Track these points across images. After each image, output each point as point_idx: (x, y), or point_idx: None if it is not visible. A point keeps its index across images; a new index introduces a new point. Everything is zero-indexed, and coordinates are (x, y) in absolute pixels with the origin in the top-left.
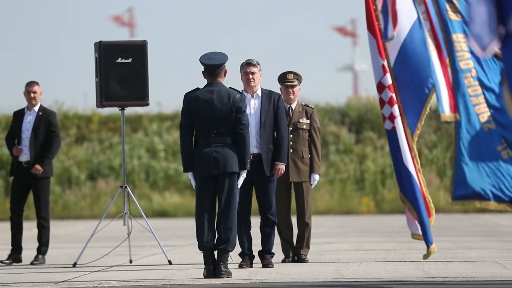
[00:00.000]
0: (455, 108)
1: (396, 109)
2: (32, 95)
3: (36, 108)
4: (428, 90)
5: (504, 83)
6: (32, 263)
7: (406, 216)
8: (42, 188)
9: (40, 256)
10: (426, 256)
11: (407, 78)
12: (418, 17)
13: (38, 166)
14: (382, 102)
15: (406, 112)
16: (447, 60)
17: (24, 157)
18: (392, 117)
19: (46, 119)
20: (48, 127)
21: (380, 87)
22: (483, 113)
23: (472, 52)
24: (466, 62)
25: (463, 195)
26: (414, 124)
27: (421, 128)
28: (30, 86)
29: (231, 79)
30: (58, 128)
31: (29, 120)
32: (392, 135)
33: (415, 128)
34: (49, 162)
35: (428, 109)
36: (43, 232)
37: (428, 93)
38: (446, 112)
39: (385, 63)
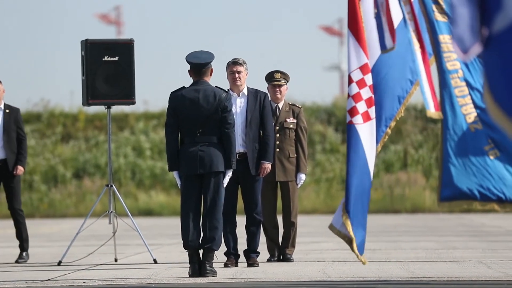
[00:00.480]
0: (438, 106)
1: (373, 111)
2: None
3: (2, 106)
4: (406, 93)
5: (485, 91)
6: (17, 262)
7: (339, 212)
8: (16, 183)
9: (24, 254)
10: (358, 258)
11: (380, 86)
12: (404, 18)
13: (21, 168)
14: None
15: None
16: (429, 60)
17: None
18: (366, 116)
19: (14, 117)
20: (16, 125)
21: (350, 80)
22: (470, 114)
23: None
24: (453, 63)
25: (450, 196)
26: (381, 131)
27: (389, 134)
28: None
29: (218, 78)
30: (23, 125)
31: None
32: (353, 130)
33: (382, 134)
34: (25, 160)
35: (402, 112)
36: (22, 229)
37: (405, 96)
38: (431, 109)
39: (369, 62)
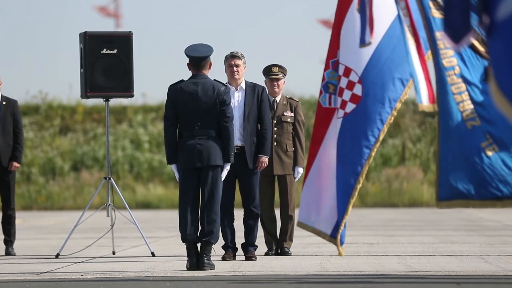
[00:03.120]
0: (433, 99)
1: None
2: None
3: None
4: (410, 76)
5: (491, 78)
6: (10, 254)
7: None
8: (11, 178)
9: (10, 249)
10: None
11: (383, 69)
12: (398, 14)
13: (16, 164)
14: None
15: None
16: (425, 56)
17: None
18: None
19: (11, 108)
20: (12, 117)
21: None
22: (467, 111)
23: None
24: (449, 59)
25: (448, 196)
26: (386, 113)
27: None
28: None
29: (216, 72)
30: (21, 117)
31: None
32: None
33: (387, 116)
34: (21, 154)
35: (407, 94)
36: (12, 224)
37: (409, 79)
38: (424, 102)
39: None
